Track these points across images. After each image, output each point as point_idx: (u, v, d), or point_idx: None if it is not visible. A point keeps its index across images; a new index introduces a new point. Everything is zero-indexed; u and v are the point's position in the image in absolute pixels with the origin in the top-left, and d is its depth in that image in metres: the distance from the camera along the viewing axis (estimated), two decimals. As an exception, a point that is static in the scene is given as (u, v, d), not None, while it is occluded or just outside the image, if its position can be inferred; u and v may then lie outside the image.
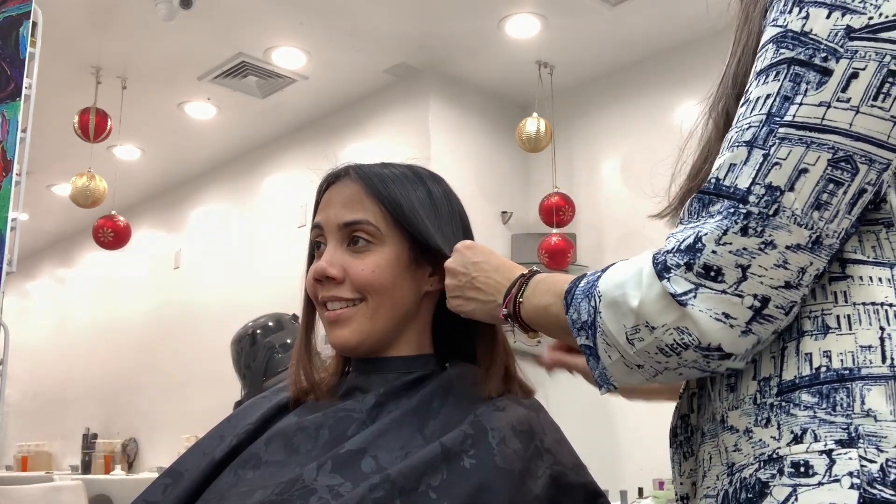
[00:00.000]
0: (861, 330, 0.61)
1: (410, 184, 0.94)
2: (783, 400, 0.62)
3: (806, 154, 0.59)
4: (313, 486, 0.78)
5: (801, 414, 0.60)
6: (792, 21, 0.61)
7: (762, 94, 0.61)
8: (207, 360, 4.32)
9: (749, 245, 0.59)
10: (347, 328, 0.91)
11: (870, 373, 0.59)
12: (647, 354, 0.64)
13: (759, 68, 0.63)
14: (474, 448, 0.81)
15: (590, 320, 0.67)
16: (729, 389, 0.67)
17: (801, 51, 0.60)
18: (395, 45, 3.91)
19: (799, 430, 0.60)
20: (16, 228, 2.55)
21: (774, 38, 0.62)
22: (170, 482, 0.90)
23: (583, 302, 0.68)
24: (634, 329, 0.63)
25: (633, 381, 0.67)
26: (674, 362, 0.63)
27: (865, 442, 0.57)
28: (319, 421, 0.88)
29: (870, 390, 0.59)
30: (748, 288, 0.60)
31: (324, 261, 0.91)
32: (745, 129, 0.61)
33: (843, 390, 0.60)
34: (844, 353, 0.61)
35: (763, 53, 0.63)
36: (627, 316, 0.64)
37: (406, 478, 0.76)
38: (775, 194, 0.59)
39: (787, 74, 0.60)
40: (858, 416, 0.58)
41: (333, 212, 0.93)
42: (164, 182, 5.68)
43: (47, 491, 2.98)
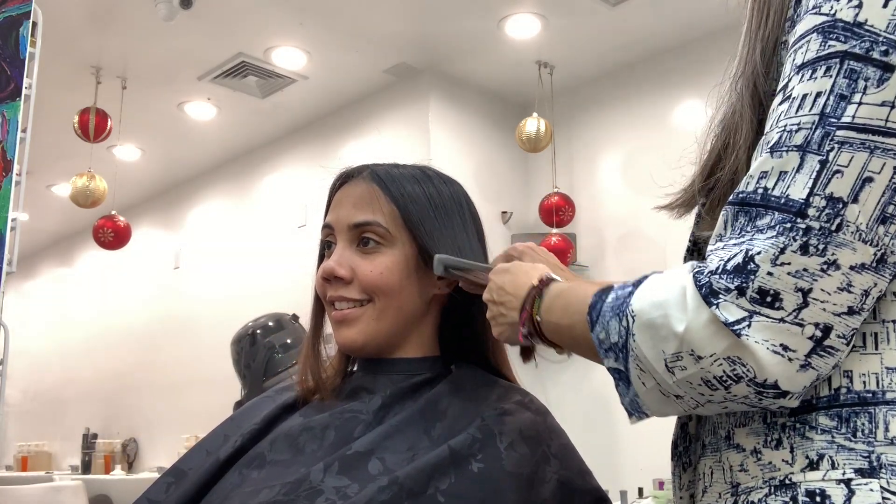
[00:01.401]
0: (888, 350, 0.56)
1: (423, 186, 0.94)
2: (797, 421, 0.57)
3: (870, 161, 0.52)
4: (320, 488, 0.78)
5: (817, 438, 0.56)
6: (841, 10, 0.54)
7: (810, 91, 0.54)
8: (207, 360, 4.32)
9: (810, 265, 0.52)
10: (354, 328, 0.91)
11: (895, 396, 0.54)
12: (690, 385, 0.56)
13: (800, 61, 0.56)
14: (482, 452, 0.80)
15: (621, 342, 0.59)
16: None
17: (856, 43, 0.53)
18: (395, 45, 3.91)
19: (815, 456, 0.55)
20: (16, 228, 2.55)
21: (820, 28, 0.55)
22: (173, 481, 0.89)
23: (612, 321, 0.60)
24: (676, 357, 0.56)
25: (670, 412, 0.61)
26: (720, 396, 0.56)
27: (888, 472, 0.53)
28: (325, 421, 0.88)
29: (895, 416, 0.54)
30: (809, 316, 0.53)
31: (333, 260, 0.91)
32: (794, 132, 0.54)
33: (864, 415, 0.55)
34: (868, 375, 0.55)
35: (804, 45, 0.56)
36: (669, 341, 0.56)
37: (414, 480, 0.76)
38: (838, 207, 0.52)
39: (840, 70, 0.53)
40: (882, 443, 0.54)
41: (344, 212, 0.93)
42: (164, 182, 5.67)
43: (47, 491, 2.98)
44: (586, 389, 3.74)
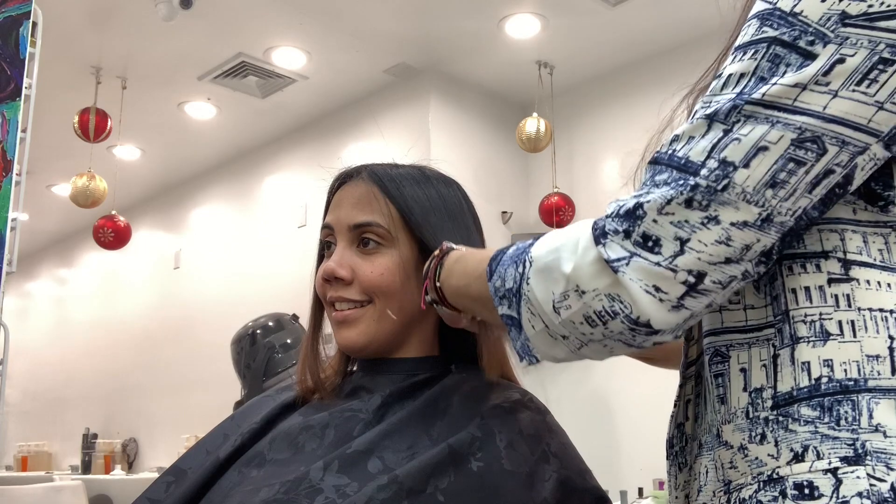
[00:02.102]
0: (867, 338, 0.57)
1: (422, 186, 0.94)
2: (780, 414, 0.58)
3: (769, 133, 0.55)
4: (320, 486, 0.78)
5: (801, 430, 0.56)
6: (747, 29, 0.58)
7: (735, 71, 0.58)
8: (207, 360, 4.33)
9: (691, 218, 0.56)
10: (355, 329, 0.91)
11: (878, 384, 0.55)
12: (573, 325, 0.60)
13: (738, 43, 0.59)
14: (482, 451, 0.81)
15: (515, 287, 0.63)
16: (720, 401, 0.63)
17: (787, 31, 0.56)
18: (395, 45, 3.91)
19: (800, 448, 0.56)
20: (16, 228, 2.55)
21: (760, 14, 0.58)
22: (173, 480, 0.90)
23: (510, 268, 0.64)
24: (563, 295, 0.59)
25: (558, 354, 0.64)
26: (598, 333, 0.59)
27: (874, 459, 0.53)
28: (325, 420, 0.88)
29: (878, 403, 0.55)
30: (683, 262, 0.56)
31: (333, 261, 0.91)
32: (710, 104, 0.58)
33: (847, 403, 0.55)
34: (849, 363, 0.56)
35: (746, 28, 0.59)
36: (558, 282, 0.60)
37: (414, 479, 0.76)
38: (727, 170, 0.55)
39: (766, 54, 0.57)
40: (866, 430, 0.54)
41: (344, 212, 0.93)
42: (164, 182, 5.68)
43: (47, 491, 2.98)
44: (586, 389, 3.74)
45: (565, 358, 0.64)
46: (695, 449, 0.68)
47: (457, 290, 0.76)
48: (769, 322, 0.60)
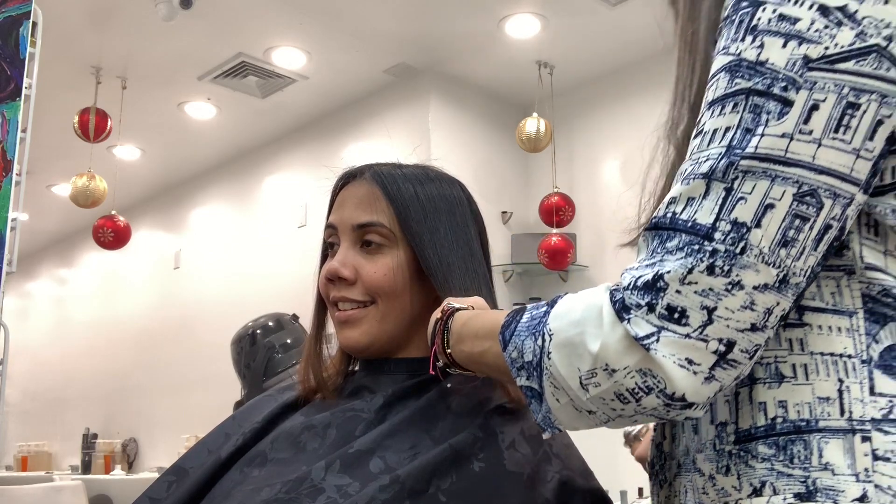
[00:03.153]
0: (819, 381, 0.59)
1: (424, 187, 0.93)
2: (741, 449, 0.61)
3: (771, 188, 0.55)
4: (321, 486, 0.78)
5: (758, 466, 0.60)
6: (746, 50, 0.58)
7: (720, 126, 0.58)
8: (207, 360, 4.32)
9: (716, 285, 0.55)
10: (357, 329, 0.91)
11: (827, 425, 0.58)
12: (602, 401, 0.59)
13: (711, 98, 0.60)
14: (484, 451, 0.80)
15: (535, 360, 0.62)
16: (693, 430, 0.66)
17: (759, 80, 0.57)
18: (395, 45, 3.91)
19: (758, 483, 0.59)
20: (16, 228, 2.55)
21: (727, 67, 0.59)
22: (174, 479, 0.90)
23: (527, 340, 0.63)
24: (591, 373, 0.58)
25: (582, 426, 0.63)
26: (630, 409, 0.59)
27: (823, 496, 0.56)
28: (327, 420, 0.88)
29: (827, 443, 0.58)
30: (713, 332, 0.56)
31: (336, 261, 0.91)
32: (703, 162, 0.58)
33: (800, 442, 0.59)
34: (801, 404, 0.59)
35: (714, 83, 0.60)
36: (584, 359, 0.59)
37: (415, 479, 0.76)
38: (742, 231, 0.55)
39: (745, 105, 0.57)
40: (816, 469, 0.57)
41: (347, 212, 0.93)
42: (164, 182, 5.68)
43: (47, 491, 2.98)
44: (586, 389, 3.73)
45: (589, 428, 0.63)
46: (673, 468, 0.70)
47: (469, 357, 0.75)
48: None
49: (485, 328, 0.72)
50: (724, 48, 0.60)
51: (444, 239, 0.91)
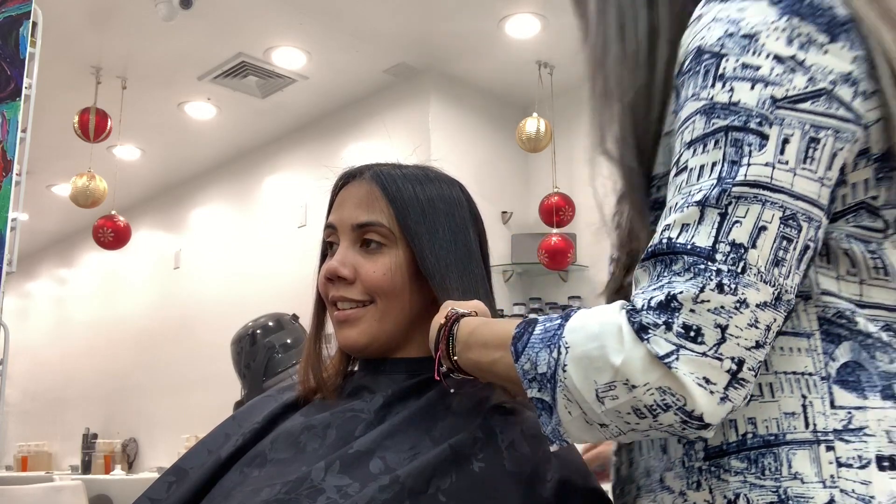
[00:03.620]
0: (784, 398, 0.63)
1: (424, 187, 0.93)
2: (712, 465, 0.64)
3: (763, 211, 0.59)
4: (321, 486, 0.78)
5: (731, 479, 0.63)
6: (717, 94, 0.62)
7: (706, 162, 0.61)
8: (207, 359, 4.32)
9: (726, 303, 0.57)
10: (356, 329, 0.91)
11: (794, 438, 0.62)
12: (618, 414, 0.60)
13: (689, 139, 0.63)
14: (483, 451, 0.80)
15: (549, 372, 0.63)
16: (661, 451, 0.69)
17: (735, 118, 0.61)
18: (395, 45, 3.91)
19: (732, 496, 0.63)
20: (16, 228, 2.55)
21: (702, 110, 0.62)
22: (174, 480, 0.89)
23: (542, 352, 0.63)
24: (609, 386, 0.59)
25: (589, 439, 0.65)
26: (645, 424, 0.60)
27: (793, 500, 0.60)
28: (327, 420, 0.88)
29: (795, 454, 0.61)
30: (727, 350, 0.58)
31: (335, 260, 0.91)
32: (695, 193, 0.61)
33: (770, 455, 0.62)
34: (769, 420, 0.63)
35: (689, 125, 0.63)
36: (603, 372, 0.59)
37: (415, 479, 0.76)
38: (740, 252, 0.58)
39: (727, 141, 0.61)
40: (786, 479, 0.61)
41: (347, 212, 0.93)
42: (164, 182, 5.68)
43: (47, 491, 2.98)
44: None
45: (597, 441, 0.67)
46: (633, 490, 0.73)
47: (477, 364, 0.75)
48: None
49: (495, 338, 0.72)
50: (693, 95, 0.63)
51: (443, 240, 0.91)
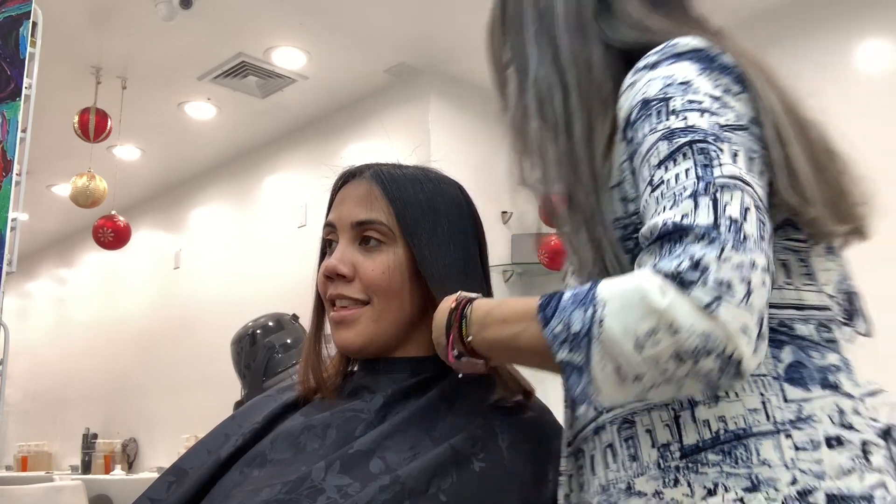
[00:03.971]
0: (746, 396, 0.71)
1: (423, 187, 0.94)
2: (689, 461, 0.71)
3: (744, 197, 0.66)
4: (321, 486, 0.77)
5: (709, 471, 0.70)
6: (674, 123, 0.71)
7: (680, 171, 0.68)
8: (207, 360, 4.32)
9: (744, 262, 0.62)
10: (352, 330, 0.91)
11: (759, 430, 0.70)
12: (656, 362, 0.63)
13: (657, 161, 0.70)
14: (484, 451, 0.80)
15: (584, 329, 0.65)
16: (631, 459, 0.74)
17: (694, 135, 0.69)
18: (395, 45, 3.91)
19: (711, 484, 0.69)
20: (16, 228, 2.55)
21: (663, 136, 0.71)
22: (174, 480, 0.89)
23: (575, 311, 0.66)
24: (651, 332, 0.62)
25: (620, 398, 0.68)
26: (683, 371, 0.63)
27: (765, 485, 0.67)
28: (327, 420, 0.88)
29: (761, 444, 0.69)
30: (755, 302, 0.62)
31: (334, 258, 0.91)
32: (681, 192, 0.67)
33: (741, 447, 0.69)
34: (737, 416, 0.70)
35: (654, 151, 0.71)
36: (646, 319, 0.62)
37: (416, 479, 0.76)
38: (738, 224, 0.64)
39: (693, 151, 0.69)
40: (756, 465, 0.68)
41: (346, 210, 0.93)
42: (164, 182, 5.67)
43: (47, 491, 2.98)
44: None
45: (624, 401, 0.70)
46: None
47: (495, 341, 0.76)
48: None
49: (516, 313, 0.74)
50: (650, 130, 0.72)
51: (442, 240, 0.91)
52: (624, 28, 0.83)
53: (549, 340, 0.67)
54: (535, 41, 0.88)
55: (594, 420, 0.78)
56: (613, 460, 0.75)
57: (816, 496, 0.66)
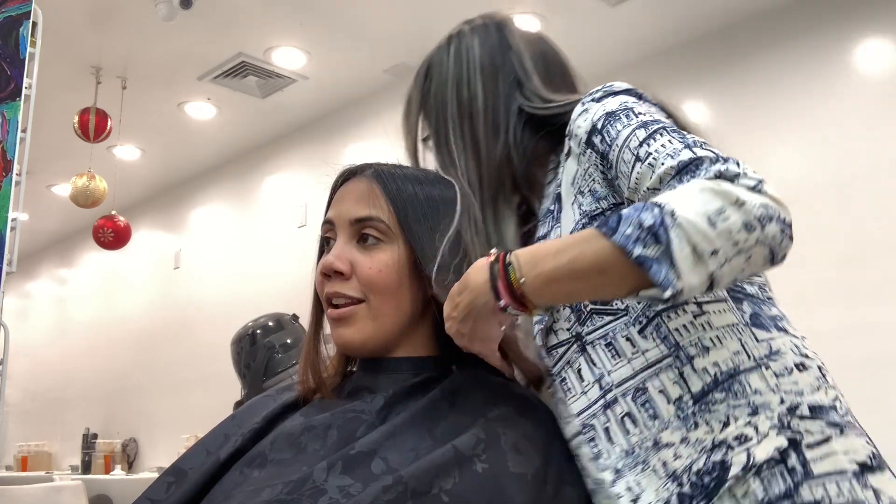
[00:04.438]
0: (728, 342, 0.86)
1: (423, 187, 0.94)
2: (701, 405, 0.84)
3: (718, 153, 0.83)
4: (323, 487, 0.77)
5: (719, 407, 0.83)
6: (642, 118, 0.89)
7: (664, 142, 0.84)
8: (207, 360, 4.32)
9: (749, 172, 0.78)
10: (351, 328, 0.91)
11: (745, 367, 0.84)
12: (729, 234, 0.74)
13: (637, 143, 0.86)
14: (486, 453, 0.80)
15: (657, 221, 0.74)
16: (652, 419, 0.85)
17: (663, 124, 0.87)
18: (395, 45, 3.91)
19: (724, 418, 0.82)
20: (16, 228, 2.55)
21: (638, 126, 0.87)
22: (173, 480, 0.89)
23: (643, 213, 0.75)
24: (720, 210, 0.74)
25: (695, 279, 0.74)
26: (753, 239, 0.75)
27: (763, 409, 0.82)
28: (328, 421, 0.87)
29: (750, 377, 0.84)
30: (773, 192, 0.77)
31: (332, 255, 0.91)
32: (676, 150, 0.83)
33: (736, 383, 0.84)
34: (726, 360, 0.85)
35: (633, 137, 0.86)
36: (714, 201, 0.75)
37: (418, 480, 0.76)
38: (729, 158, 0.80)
39: (668, 131, 0.86)
40: (752, 395, 0.83)
41: (345, 207, 0.93)
42: (164, 182, 5.68)
43: (47, 491, 2.98)
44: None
45: (700, 285, 0.75)
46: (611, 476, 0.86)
47: (553, 272, 0.79)
48: (665, 355, 0.86)
49: (566, 242, 0.81)
50: (624, 126, 0.88)
51: (442, 239, 0.91)
52: (538, 102, 1.01)
53: (620, 243, 0.75)
54: (460, 135, 1.00)
55: (601, 398, 0.88)
56: (634, 425, 0.86)
57: (802, 409, 0.83)
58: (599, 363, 0.89)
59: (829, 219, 3.15)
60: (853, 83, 3.28)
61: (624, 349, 0.87)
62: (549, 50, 1.14)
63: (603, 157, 0.90)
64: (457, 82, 1.05)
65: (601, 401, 0.87)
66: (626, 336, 0.87)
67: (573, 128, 0.93)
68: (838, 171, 3.24)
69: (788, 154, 3.40)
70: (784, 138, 3.42)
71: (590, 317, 0.90)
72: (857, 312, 2.99)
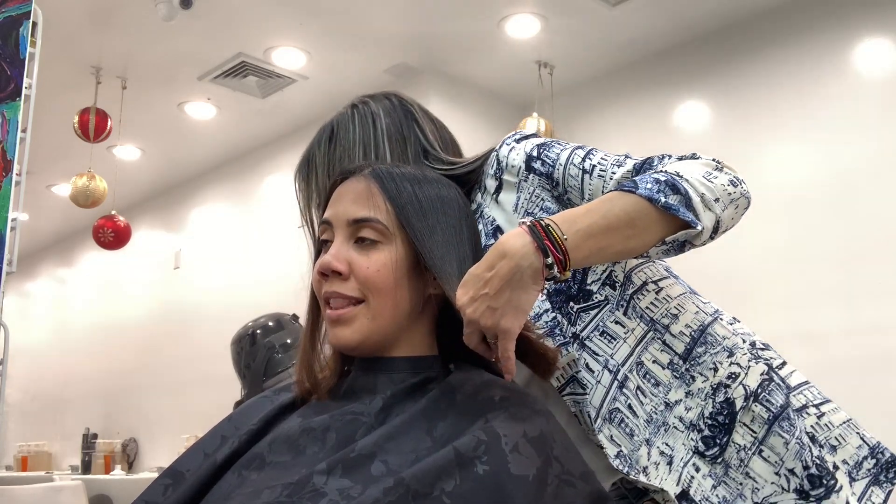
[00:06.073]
0: (689, 305, 1.06)
1: (422, 187, 0.93)
2: (690, 362, 1.02)
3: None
4: (323, 490, 0.77)
5: (705, 358, 1.02)
6: (572, 144, 1.07)
7: (602, 155, 1.03)
8: (207, 360, 4.32)
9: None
10: (349, 328, 0.90)
11: (706, 321, 1.05)
12: (723, 187, 0.91)
13: (579, 160, 1.03)
14: (487, 454, 0.80)
15: (671, 178, 0.89)
16: (655, 386, 1.01)
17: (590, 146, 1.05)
18: (395, 45, 3.91)
19: (712, 365, 1.01)
20: (16, 228, 2.55)
21: (574, 148, 1.05)
22: (170, 483, 0.89)
23: (657, 174, 0.90)
24: (708, 173, 0.92)
25: (708, 222, 0.89)
26: (738, 192, 0.92)
27: (735, 350, 1.03)
28: (326, 423, 0.87)
29: (714, 328, 1.05)
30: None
31: (329, 255, 0.90)
32: (618, 159, 1.02)
33: (708, 335, 1.04)
34: (693, 320, 1.04)
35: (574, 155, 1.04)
36: (705, 166, 0.93)
37: (420, 482, 0.76)
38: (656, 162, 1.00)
39: (597, 150, 1.04)
40: (721, 341, 1.04)
41: (343, 207, 0.92)
42: (164, 182, 5.68)
43: (47, 491, 2.97)
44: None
45: (711, 227, 0.89)
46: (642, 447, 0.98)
47: (590, 228, 0.86)
48: (647, 330, 1.02)
49: (591, 204, 0.89)
50: (562, 149, 1.05)
51: (441, 239, 0.91)
52: (444, 166, 1.12)
53: (647, 195, 0.87)
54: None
55: (614, 380, 0.99)
56: (644, 396, 1.00)
57: (757, 343, 1.06)
58: (601, 351, 1.00)
59: (829, 219, 3.15)
60: (852, 83, 3.28)
61: (616, 332, 1.01)
62: (440, 123, 1.21)
63: (548, 178, 1.04)
64: (364, 146, 1.10)
65: (615, 382, 0.99)
66: (615, 320, 1.01)
67: (506, 164, 1.09)
68: (838, 171, 3.24)
69: (788, 154, 3.40)
70: (783, 138, 3.42)
71: (578, 315, 1.01)
72: (857, 312, 3.00)
